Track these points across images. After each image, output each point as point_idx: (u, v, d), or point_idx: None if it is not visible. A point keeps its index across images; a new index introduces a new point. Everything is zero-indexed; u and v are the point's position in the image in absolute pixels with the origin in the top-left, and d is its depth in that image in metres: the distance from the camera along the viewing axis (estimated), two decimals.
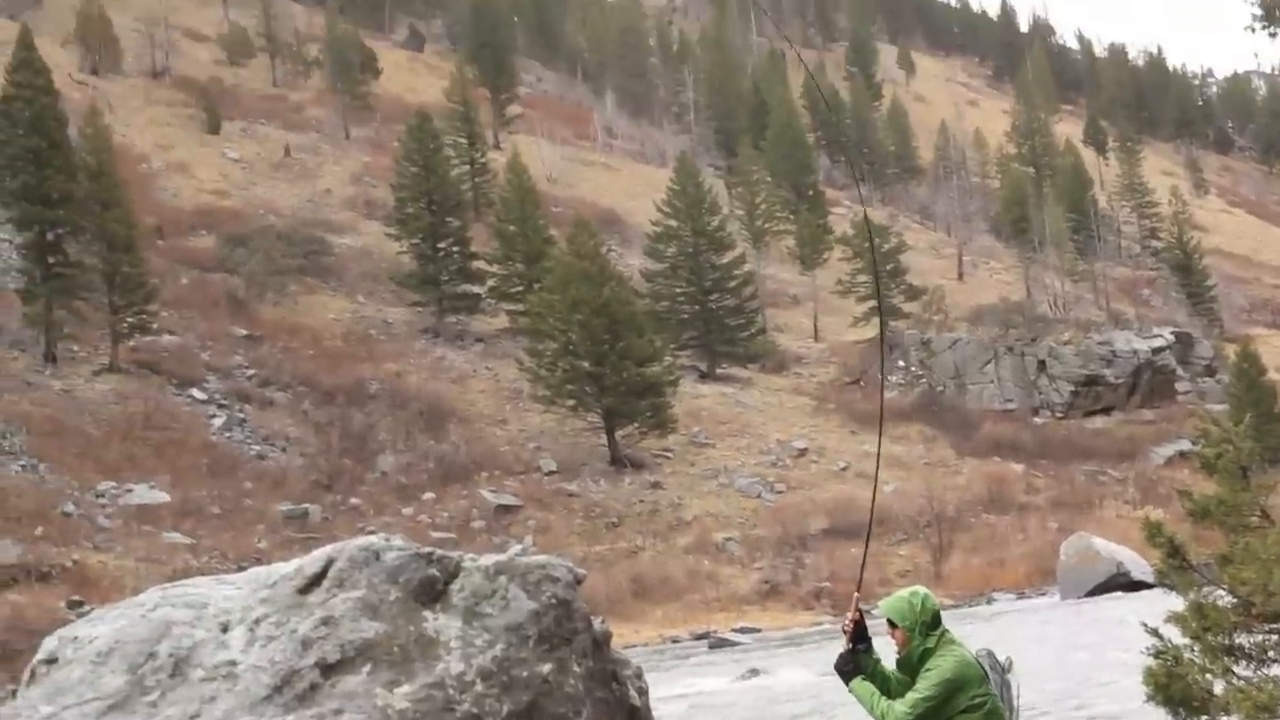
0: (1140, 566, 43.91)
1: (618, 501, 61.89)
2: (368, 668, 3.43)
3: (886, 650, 8.46)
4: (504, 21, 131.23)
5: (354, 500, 57.74)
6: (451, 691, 3.29)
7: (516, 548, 4.16)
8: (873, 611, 9.01)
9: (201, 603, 4.23)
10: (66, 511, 49.89)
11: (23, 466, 52.06)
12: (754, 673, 30.60)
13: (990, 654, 8.73)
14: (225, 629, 4.05)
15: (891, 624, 8.39)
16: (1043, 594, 50.22)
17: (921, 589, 8.57)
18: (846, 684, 8.65)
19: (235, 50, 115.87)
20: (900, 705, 8.13)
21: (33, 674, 4.15)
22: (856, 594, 8.83)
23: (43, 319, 59.85)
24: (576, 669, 3.57)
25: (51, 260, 60.40)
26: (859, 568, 9.66)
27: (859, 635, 8.50)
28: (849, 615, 8.55)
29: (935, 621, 8.33)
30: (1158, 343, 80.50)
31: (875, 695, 8.29)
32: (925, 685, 8.16)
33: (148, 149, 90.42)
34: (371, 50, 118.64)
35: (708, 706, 25.08)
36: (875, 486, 10.33)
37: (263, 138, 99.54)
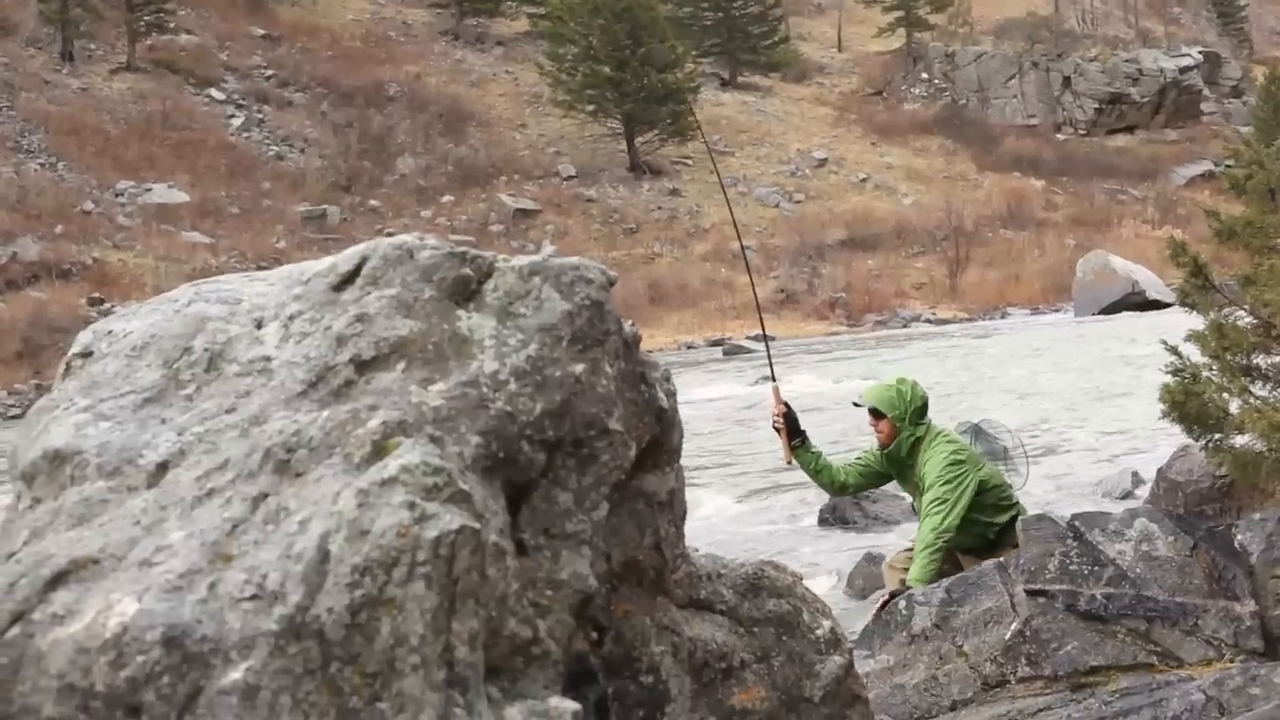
0: (1155, 286, 44.10)
1: (636, 208, 61.93)
2: (402, 365, 3.46)
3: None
4: None
5: (372, 202, 57.82)
6: (485, 390, 3.32)
7: (549, 249, 4.13)
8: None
9: (235, 299, 4.24)
10: (86, 210, 50.14)
11: (41, 165, 52.12)
12: (767, 379, 30.88)
13: (989, 423, 8.57)
14: (259, 325, 4.06)
15: (876, 414, 7.80)
16: (1057, 310, 50.62)
17: (908, 377, 8.01)
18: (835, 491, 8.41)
19: None
20: (935, 517, 7.39)
21: (68, 367, 4.18)
22: (774, 384, 8.26)
23: (59, 17, 58.98)
24: (608, 370, 3.60)
25: None
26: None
27: (794, 429, 7.94)
28: (775, 410, 7.89)
29: (924, 409, 7.82)
30: (1185, 62, 79.35)
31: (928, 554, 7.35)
32: (940, 473, 7.52)
33: None
34: None
35: (722, 410, 25.43)
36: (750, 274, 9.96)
37: None
